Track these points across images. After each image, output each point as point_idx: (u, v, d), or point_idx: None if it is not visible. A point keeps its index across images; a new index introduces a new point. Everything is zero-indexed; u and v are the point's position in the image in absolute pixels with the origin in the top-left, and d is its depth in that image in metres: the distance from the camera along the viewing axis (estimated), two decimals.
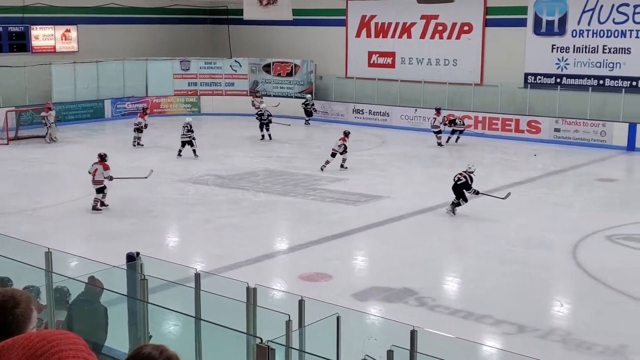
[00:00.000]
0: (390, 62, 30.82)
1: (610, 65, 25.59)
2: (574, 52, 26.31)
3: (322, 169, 19.82)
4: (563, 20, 26.41)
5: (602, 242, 13.78)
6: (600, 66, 25.80)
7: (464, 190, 15.41)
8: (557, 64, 26.72)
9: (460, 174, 15.59)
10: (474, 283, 11.76)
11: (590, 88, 25.76)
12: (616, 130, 24.31)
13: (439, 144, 24.51)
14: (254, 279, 8.38)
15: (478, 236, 14.45)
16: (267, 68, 32.55)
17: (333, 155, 19.98)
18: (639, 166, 22.88)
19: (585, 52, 26.05)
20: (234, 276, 10.51)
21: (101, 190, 15.48)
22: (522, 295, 11.06)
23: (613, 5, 25.22)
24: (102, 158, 15.72)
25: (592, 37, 25.85)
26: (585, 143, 24.71)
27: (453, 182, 15.58)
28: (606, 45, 25.60)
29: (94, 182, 15.49)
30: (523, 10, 27.21)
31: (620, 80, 25.39)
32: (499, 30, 27.92)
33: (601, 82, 25.80)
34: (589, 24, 25.90)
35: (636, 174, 22.53)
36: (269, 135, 24.82)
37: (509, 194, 15.79)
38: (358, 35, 31.64)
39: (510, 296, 11.00)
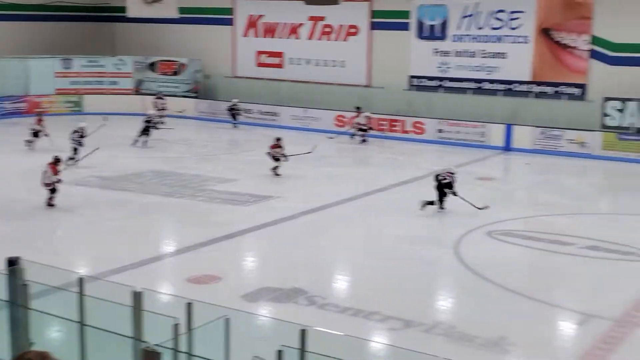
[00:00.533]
0: (278, 62, 30.92)
1: (488, 69, 26.64)
2: (454, 56, 27.21)
3: (277, 174, 19.33)
4: (444, 25, 27.26)
5: (482, 237, 14.32)
6: (479, 70, 26.82)
7: (446, 190, 15.74)
8: (439, 67, 27.55)
9: (445, 173, 15.90)
10: (363, 281, 11.98)
11: (470, 91, 26.75)
12: (494, 131, 25.33)
13: (362, 141, 25.37)
14: (141, 282, 8.23)
15: (366, 234, 14.71)
16: (152, 67, 31.98)
17: (276, 159, 19.36)
18: (515, 165, 23.91)
19: (465, 56, 27.01)
20: (120, 280, 10.28)
21: (53, 191, 15.51)
22: (408, 291, 11.35)
23: (490, 12, 26.26)
24: (55, 161, 15.71)
25: (471, 42, 26.82)
26: (466, 143, 25.61)
27: (437, 182, 15.84)
28: (484, 50, 26.62)
29: (43, 183, 15.53)
30: (406, 14, 27.90)
31: (497, 83, 26.46)
32: (385, 33, 28.52)
33: (480, 85, 26.81)
34: (468, 30, 26.86)
35: (512, 172, 23.54)
36: (145, 142, 23.50)
37: (487, 207, 15.89)
38: (246, 34, 31.57)
39: (397, 292, 11.26)
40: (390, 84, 27.97)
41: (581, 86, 25.06)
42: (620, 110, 23.63)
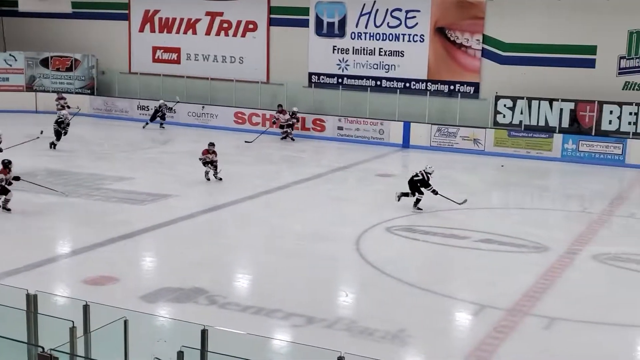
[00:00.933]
0: (175, 58, 30.48)
1: (386, 67, 27.10)
2: (353, 53, 27.54)
3: (209, 178, 18.52)
4: (342, 23, 27.55)
5: (382, 233, 14.57)
6: (377, 68, 27.24)
7: (422, 188, 16.25)
8: (338, 64, 27.82)
9: (420, 171, 16.43)
10: (264, 278, 11.96)
11: (368, 88, 27.12)
12: (393, 129, 25.80)
13: (291, 139, 25.62)
14: (35, 285, 7.96)
15: (267, 232, 14.69)
16: (45, 62, 30.90)
17: (206, 164, 18.43)
18: (413, 162, 24.40)
19: (364, 54, 27.37)
20: (13, 283, 9.90)
21: (3, 192, 15.05)
22: (310, 287, 11.42)
23: (387, 10, 26.71)
24: (4, 165, 15.14)
25: (370, 39, 27.21)
26: (365, 141, 25.98)
27: (410, 177, 16.49)
28: (382, 48, 27.06)
29: None
30: (305, 11, 28.03)
31: (395, 81, 26.96)
32: (284, 29, 28.55)
33: (378, 83, 27.24)
34: (366, 27, 27.23)
35: (411, 169, 23.96)
36: (54, 145, 22.45)
37: (465, 201, 16.41)
38: (142, 30, 30.97)
39: (299, 289, 11.31)
40: (290, 80, 28.04)
41: (474, 85, 25.85)
42: (511, 108, 24.52)
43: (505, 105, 24.59)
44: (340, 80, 27.77)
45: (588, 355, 9.05)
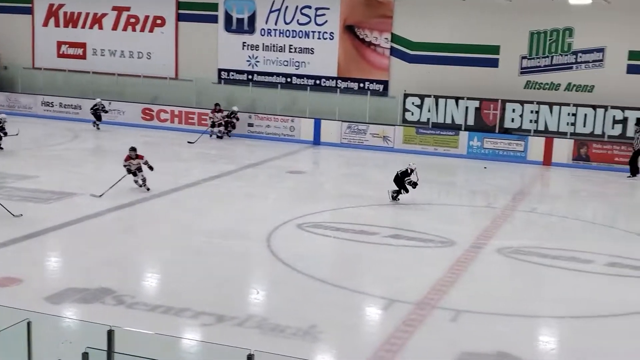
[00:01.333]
0: (81, 53, 29.72)
1: (297, 64, 27.18)
2: (263, 50, 27.49)
3: (141, 185, 17.28)
4: (252, 19, 27.46)
5: (293, 230, 14.60)
6: (287, 65, 27.28)
7: (405, 180, 16.99)
8: (248, 61, 27.72)
9: (406, 168, 17.12)
10: (173, 277, 11.79)
11: (279, 85, 27.14)
12: (303, 126, 25.89)
13: (219, 137, 25.36)
14: None
15: (176, 230, 14.49)
16: None
17: (130, 172, 17.18)
18: (324, 159, 24.60)
19: (274, 50, 27.36)
20: None
21: None
22: (220, 285, 11.32)
23: (297, 7, 26.78)
24: None
25: (280, 36, 27.22)
26: (276, 137, 25.98)
27: (395, 175, 17.13)
28: (292, 45, 27.12)
29: None
30: (214, 7, 27.81)
31: (305, 78, 27.06)
32: (192, 25, 28.25)
33: (289, 79, 27.28)
34: (276, 24, 27.23)
35: (321, 166, 24.19)
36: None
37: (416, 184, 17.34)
38: (46, 24, 30.06)
39: (209, 287, 11.20)
40: (199, 77, 27.75)
41: (384, 82, 26.21)
42: (419, 106, 25.00)
43: (413, 103, 25.05)
44: (250, 76, 27.68)
45: (492, 345, 9.32)
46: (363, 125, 25.31)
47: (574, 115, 23.48)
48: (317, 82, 26.92)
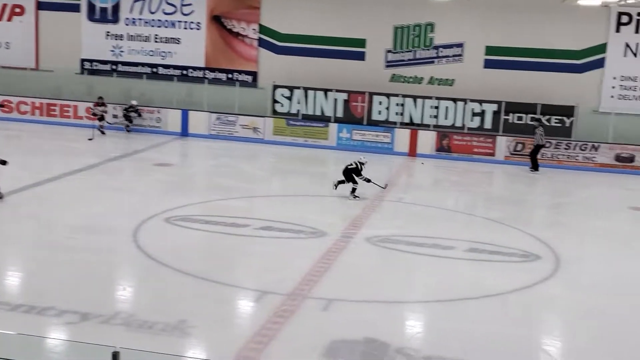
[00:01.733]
0: None
1: (163, 54, 26.68)
2: (128, 40, 26.80)
3: None
4: (116, 8, 26.71)
5: (160, 224, 14.31)
6: (153, 55, 26.73)
7: (354, 175, 17.30)
8: (112, 51, 26.96)
9: (354, 161, 17.52)
10: (36, 275, 11.29)
11: (144, 75, 26.55)
12: (171, 117, 25.45)
13: (102, 132, 24.02)
14: None
15: (38, 226, 13.88)
16: None
17: None
18: (192, 151, 24.29)
19: (139, 40, 26.73)
20: None
21: None
22: (85, 282, 10.94)
23: None
24: None
25: (145, 26, 26.63)
26: (142, 129, 25.40)
27: (344, 167, 17.50)
28: (158, 35, 26.58)
29: None
30: None
31: (172, 69, 26.60)
32: (53, 14, 27.16)
33: (155, 70, 26.73)
34: (141, 13, 26.61)
35: (190, 158, 23.87)
36: None
37: (386, 185, 18.05)
38: None
39: (74, 285, 10.80)
40: (61, 67, 26.70)
41: (252, 74, 26.16)
42: (289, 98, 25.13)
43: (283, 95, 25.15)
44: (114, 67, 26.91)
45: (361, 332, 9.51)
46: (232, 117, 25.17)
47: (437, 108, 24.33)
48: (185, 72, 26.53)
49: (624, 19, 23.60)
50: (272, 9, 25.80)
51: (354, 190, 17.48)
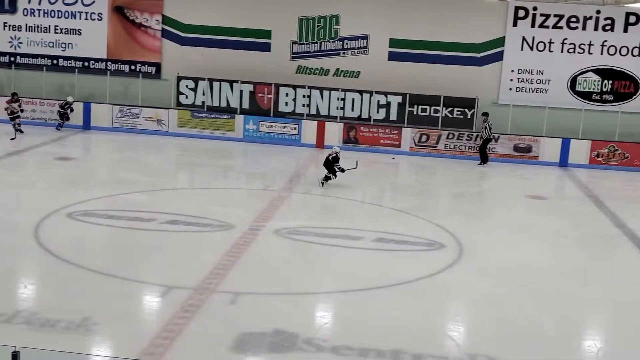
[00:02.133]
0: None
1: (63, 45, 25.90)
2: (26, 31, 25.92)
3: None
4: None
5: (63, 220, 13.92)
6: (53, 46, 25.92)
7: (335, 166, 17.84)
8: (10, 42, 26.04)
9: (330, 153, 18.00)
10: None
11: (44, 67, 25.72)
12: (76, 111, 24.72)
13: (20, 131, 22.70)
14: None
15: None
16: None
17: None
18: (95, 144, 23.70)
19: (38, 31, 25.89)
20: None
21: None
22: None
23: None
24: None
25: (44, 17, 25.80)
26: (43, 123, 24.63)
27: (325, 159, 18.04)
28: (58, 26, 25.80)
29: None
30: None
31: (73, 60, 25.86)
32: None
33: (55, 61, 25.93)
34: (39, 4, 25.79)
35: (92, 151, 23.29)
36: None
37: (357, 163, 18.50)
38: None
39: None
40: None
41: (156, 65, 25.72)
42: (193, 89, 24.83)
43: (187, 86, 24.84)
44: (12, 58, 25.96)
45: (270, 324, 9.52)
46: (136, 109, 24.69)
47: (343, 100, 24.54)
48: (86, 64, 25.82)
49: (521, 13, 24.39)
50: (175, 0, 25.40)
51: (327, 178, 17.87)
